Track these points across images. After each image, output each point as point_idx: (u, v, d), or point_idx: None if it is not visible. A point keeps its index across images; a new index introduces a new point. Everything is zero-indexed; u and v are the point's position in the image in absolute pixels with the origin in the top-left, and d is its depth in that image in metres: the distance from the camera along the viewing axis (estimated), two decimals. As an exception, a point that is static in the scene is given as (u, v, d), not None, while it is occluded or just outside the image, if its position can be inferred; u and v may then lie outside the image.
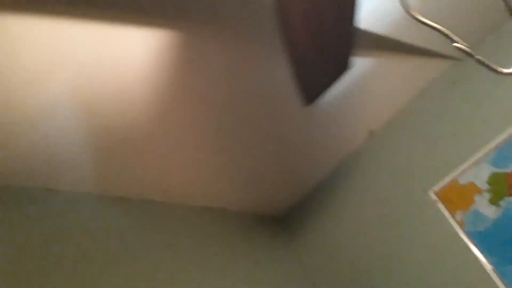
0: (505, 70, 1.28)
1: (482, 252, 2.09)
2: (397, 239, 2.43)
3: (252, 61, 1.92)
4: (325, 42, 1.36)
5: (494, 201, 2.10)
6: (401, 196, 2.47)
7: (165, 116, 1.94)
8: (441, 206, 2.27)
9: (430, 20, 1.20)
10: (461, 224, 2.18)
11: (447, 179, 2.28)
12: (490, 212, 2.10)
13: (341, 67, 1.50)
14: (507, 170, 2.08)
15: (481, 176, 2.17)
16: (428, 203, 2.32)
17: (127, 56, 1.66)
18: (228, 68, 1.89)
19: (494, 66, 1.21)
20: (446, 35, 1.16)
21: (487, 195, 2.13)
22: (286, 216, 3.06)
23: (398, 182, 2.50)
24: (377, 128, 2.68)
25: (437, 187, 2.31)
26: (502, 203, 2.07)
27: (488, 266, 2.05)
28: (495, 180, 2.12)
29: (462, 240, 2.16)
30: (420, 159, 2.44)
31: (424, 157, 2.42)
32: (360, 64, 2.21)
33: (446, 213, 2.25)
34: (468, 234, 2.15)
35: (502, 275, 2.01)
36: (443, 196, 2.28)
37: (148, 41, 1.65)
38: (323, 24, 1.30)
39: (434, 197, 2.31)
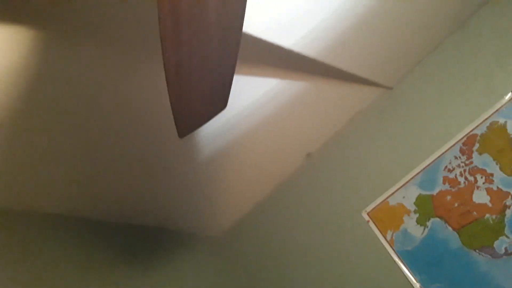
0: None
1: (410, 270, 2.18)
2: (330, 258, 2.49)
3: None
4: (208, 78, 1.36)
5: (421, 222, 2.20)
6: (336, 216, 2.53)
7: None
8: (373, 226, 2.36)
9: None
10: (391, 243, 2.27)
11: (378, 200, 2.37)
12: (417, 232, 2.20)
13: (220, 105, 1.53)
14: (433, 192, 2.20)
15: (409, 197, 2.27)
16: (361, 223, 2.40)
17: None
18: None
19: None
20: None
21: (414, 216, 2.23)
22: (224, 236, 3.04)
23: (334, 202, 2.57)
24: (314, 151, 2.74)
25: (369, 208, 2.39)
26: (428, 223, 2.18)
27: (416, 285, 2.14)
28: (421, 202, 2.23)
29: (392, 258, 2.25)
30: (354, 181, 2.52)
31: (358, 179, 2.51)
32: (292, 87, 2.27)
33: (378, 233, 2.33)
34: (398, 253, 2.24)
35: (429, 292, 2.10)
36: (374, 216, 2.37)
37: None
38: (207, 62, 1.30)
39: (366, 217, 2.39)
